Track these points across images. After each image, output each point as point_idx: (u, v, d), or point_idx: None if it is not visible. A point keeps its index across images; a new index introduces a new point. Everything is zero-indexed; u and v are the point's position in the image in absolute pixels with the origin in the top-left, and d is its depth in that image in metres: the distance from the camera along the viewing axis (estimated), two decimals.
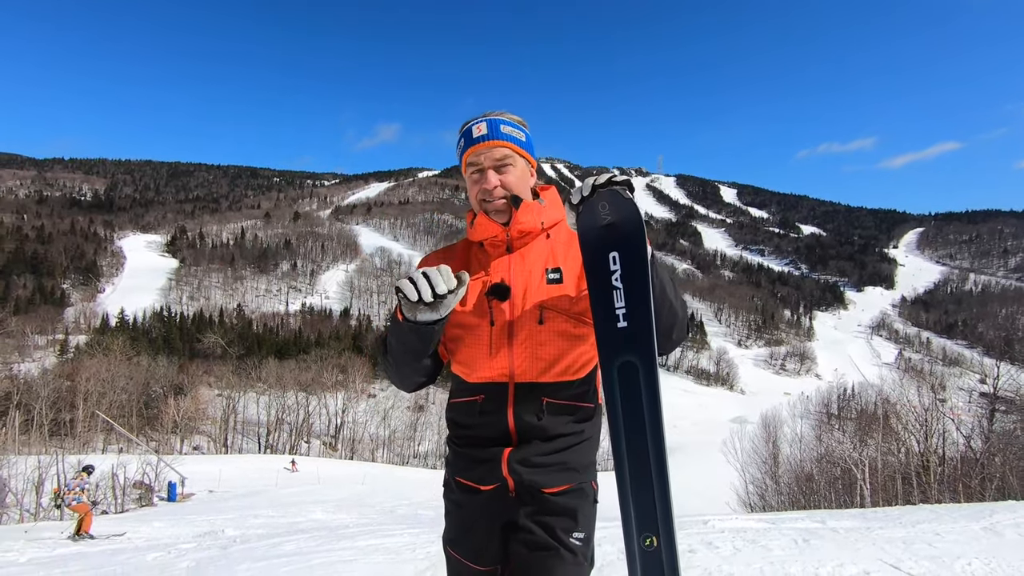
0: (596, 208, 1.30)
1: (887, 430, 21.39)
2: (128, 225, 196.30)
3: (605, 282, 1.31)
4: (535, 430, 1.45)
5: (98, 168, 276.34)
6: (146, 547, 7.68)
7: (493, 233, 1.52)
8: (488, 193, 1.49)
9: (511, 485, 1.45)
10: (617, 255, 1.30)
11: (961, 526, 5.64)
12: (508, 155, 1.49)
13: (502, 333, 1.45)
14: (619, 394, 1.29)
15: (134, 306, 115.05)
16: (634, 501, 1.28)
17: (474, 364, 1.48)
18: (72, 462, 25.70)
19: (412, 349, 1.40)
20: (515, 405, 1.45)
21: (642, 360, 1.28)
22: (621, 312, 1.29)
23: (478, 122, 1.50)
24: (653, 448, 1.27)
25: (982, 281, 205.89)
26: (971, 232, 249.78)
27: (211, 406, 56.64)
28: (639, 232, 1.28)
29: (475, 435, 1.50)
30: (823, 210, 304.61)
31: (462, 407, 1.53)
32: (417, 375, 1.50)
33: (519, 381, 1.45)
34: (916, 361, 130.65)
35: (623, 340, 1.29)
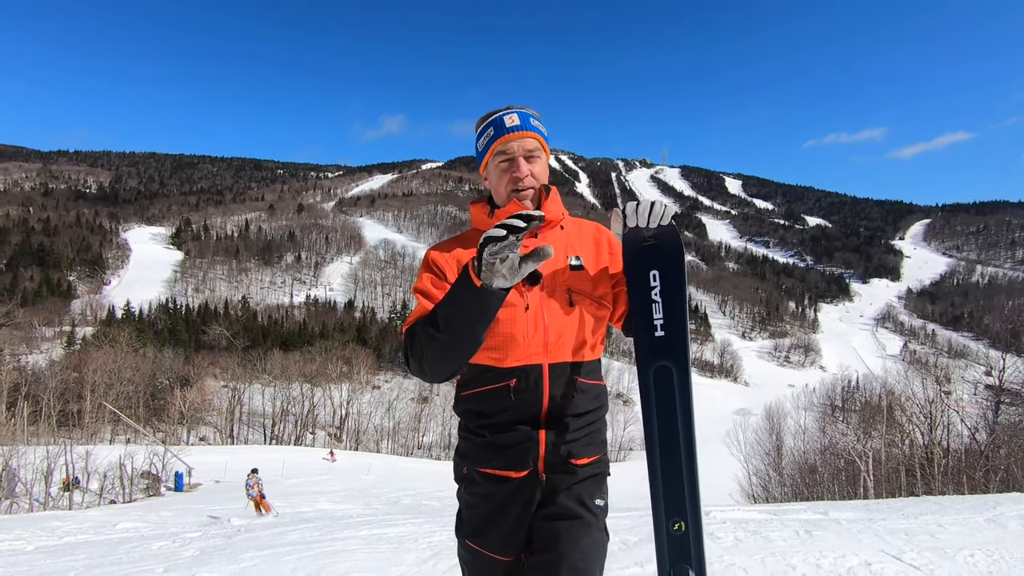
0: (642, 231, 1.48)
1: (891, 422, 21.38)
2: (133, 217, 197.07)
3: (645, 295, 1.49)
4: (569, 408, 1.52)
5: (103, 160, 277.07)
6: (152, 536, 7.75)
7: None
8: (519, 181, 1.54)
9: (541, 467, 1.50)
10: (657, 274, 1.47)
11: (964, 518, 5.61)
12: (537, 147, 1.56)
13: (537, 316, 1.49)
14: (654, 393, 1.45)
15: (140, 298, 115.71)
16: (664, 489, 1.41)
17: (509, 349, 1.49)
18: (80, 452, 26.04)
19: (481, 318, 1.36)
20: (550, 386, 1.50)
21: (676, 365, 1.44)
22: (659, 323, 1.47)
23: (509, 113, 1.56)
24: (684, 442, 1.40)
25: (989, 273, 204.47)
26: (979, 223, 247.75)
27: (217, 397, 57.05)
28: (678, 256, 1.47)
29: (504, 421, 1.51)
30: (829, 201, 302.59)
31: (488, 395, 1.53)
32: (468, 354, 1.44)
33: (553, 362, 1.50)
34: (921, 353, 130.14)
35: (660, 347, 1.46)
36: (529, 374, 1.49)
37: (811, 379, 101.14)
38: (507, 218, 1.26)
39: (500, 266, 1.28)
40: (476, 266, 1.33)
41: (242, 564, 5.17)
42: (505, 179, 1.56)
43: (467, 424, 1.60)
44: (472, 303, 1.35)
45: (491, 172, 1.60)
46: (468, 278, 1.34)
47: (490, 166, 1.60)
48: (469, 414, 1.58)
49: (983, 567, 4.03)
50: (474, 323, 1.37)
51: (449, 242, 1.65)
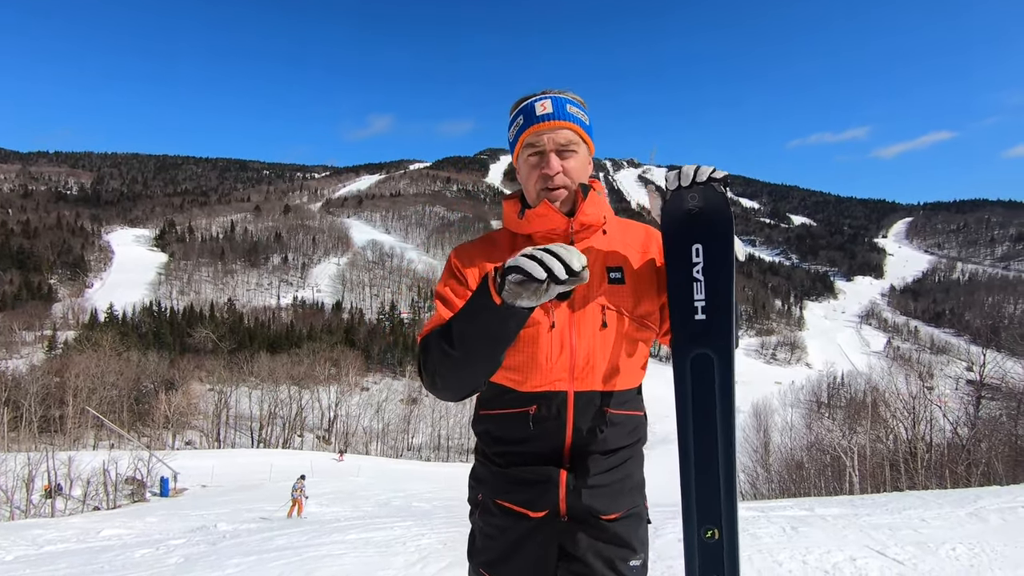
0: (685, 199, 1.27)
1: (876, 418, 21.67)
2: (116, 219, 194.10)
3: (686, 273, 1.29)
4: (595, 444, 1.33)
5: (84, 161, 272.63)
6: (135, 543, 7.63)
7: (553, 225, 1.36)
8: (549, 179, 1.35)
9: (563, 510, 1.32)
10: (701, 248, 1.28)
11: (947, 512, 5.70)
12: (573, 140, 1.36)
13: (563, 336, 1.31)
14: (691, 386, 1.28)
15: (123, 301, 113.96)
16: (697, 493, 1.26)
17: (529, 371, 1.32)
18: (62, 458, 25.59)
19: (499, 338, 1.20)
20: (575, 417, 1.32)
21: (718, 353, 1.27)
22: (700, 304, 1.28)
23: (541, 99, 1.36)
24: (722, 442, 1.25)
25: (969, 270, 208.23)
26: (959, 221, 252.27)
27: (203, 401, 56.42)
28: (727, 226, 1.26)
29: (523, 452, 1.34)
30: (813, 200, 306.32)
31: (506, 419, 1.36)
32: (486, 374, 1.28)
33: (580, 390, 1.32)
34: (904, 350, 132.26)
35: (700, 332, 1.28)
36: (551, 402, 1.31)
37: (797, 376, 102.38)
38: (549, 256, 1.07)
39: (525, 292, 1.11)
40: (498, 283, 1.14)
41: (227, 571, 5.10)
42: (534, 176, 1.37)
43: (484, 448, 1.43)
44: (490, 321, 1.18)
45: (521, 166, 1.41)
46: (487, 293, 1.16)
47: (520, 159, 1.41)
48: (486, 437, 1.42)
49: (965, 561, 4.09)
50: (491, 343, 1.21)
51: (475, 243, 1.48)
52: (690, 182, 1.24)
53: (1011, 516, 5.36)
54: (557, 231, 1.37)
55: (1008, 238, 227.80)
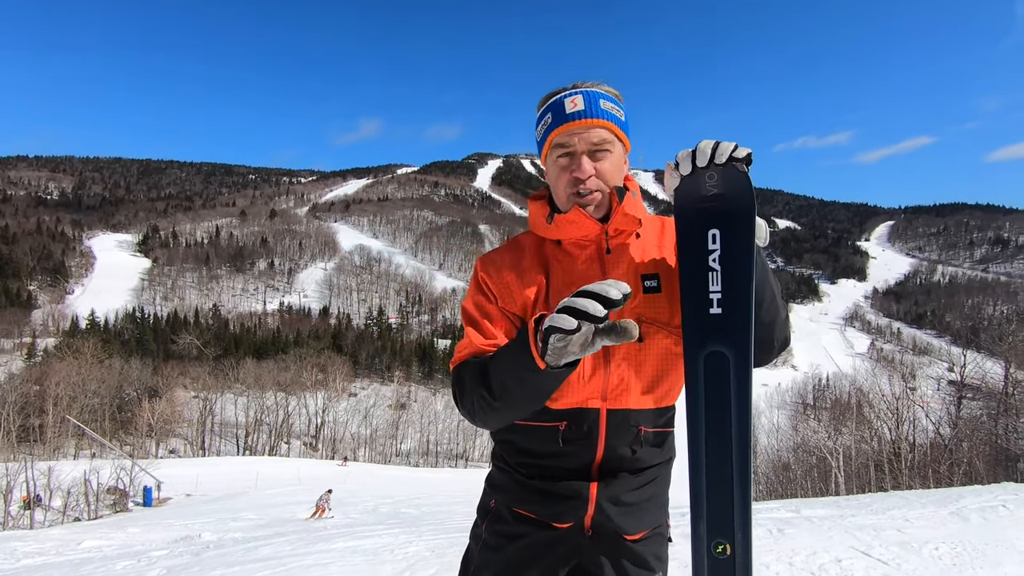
0: (702, 180, 1.13)
1: (860, 419, 21.95)
2: (97, 224, 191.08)
3: (700, 262, 1.15)
4: (627, 463, 1.27)
5: (65, 166, 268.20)
6: (116, 555, 7.48)
7: (585, 232, 1.26)
8: (580, 184, 1.23)
9: (588, 526, 1.26)
10: (718, 233, 1.14)
11: (930, 511, 5.78)
12: (607, 139, 1.24)
13: (596, 354, 1.22)
14: (703, 387, 1.15)
15: (105, 307, 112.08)
16: (708, 504, 1.14)
17: (562, 388, 1.23)
18: (42, 468, 25.05)
19: (544, 395, 1.12)
20: (608, 435, 1.25)
21: (734, 351, 1.13)
22: (716, 297, 1.14)
23: (572, 94, 1.24)
24: (737, 449, 1.13)
25: (949, 272, 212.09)
26: (939, 225, 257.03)
27: (187, 408, 55.58)
28: (748, 211, 1.11)
29: (550, 466, 1.27)
30: (798, 204, 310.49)
31: (535, 432, 1.28)
32: (528, 414, 1.22)
33: (613, 407, 1.24)
34: (888, 351, 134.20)
35: (714, 327, 1.14)
36: (583, 419, 1.25)
37: (784, 378, 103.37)
38: (582, 298, 0.97)
39: (570, 346, 1.01)
40: (540, 347, 1.04)
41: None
42: (564, 179, 1.26)
43: (506, 456, 1.35)
44: (533, 383, 1.09)
45: (549, 168, 1.30)
46: (528, 353, 1.05)
47: (548, 160, 1.29)
48: (509, 447, 1.34)
49: (947, 560, 4.15)
50: (535, 399, 1.14)
51: (501, 251, 1.37)
52: (707, 162, 1.10)
53: (991, 515, 5.45)
54: (589, 238, 1.27)
55: (986, 241, 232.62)
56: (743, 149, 1.08)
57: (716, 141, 1.10)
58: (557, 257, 1.30)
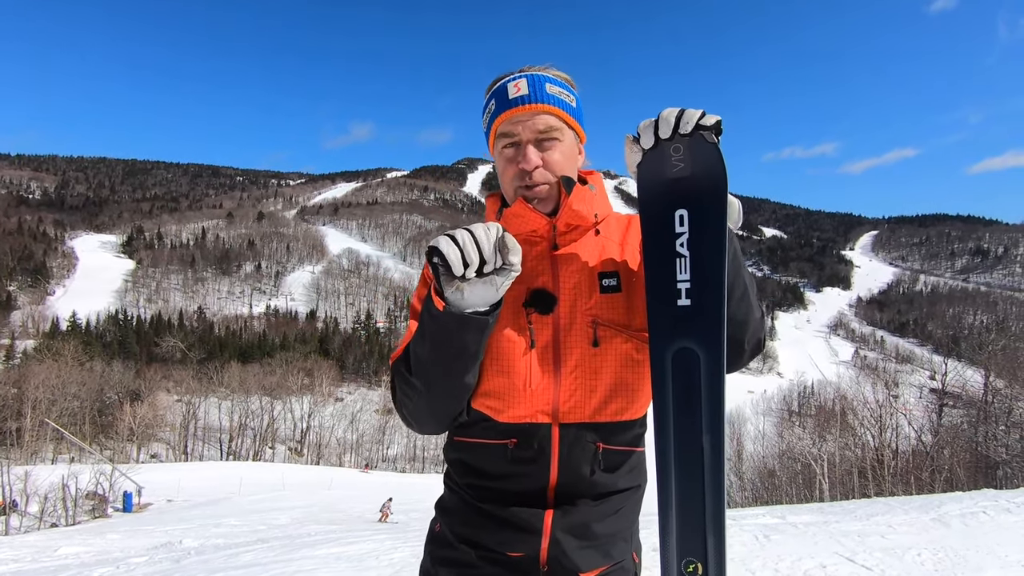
0: (666, 153, 0.99)
1: (844, 426, 22.18)
2: (80, 225, 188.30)
3: (666, 247, 1.01)
4: (586, 487, 1.11)
5: (48, 165, 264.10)
6: (94, 562, 7.32)
7: (533, 227, 1.14)
8: (526, 175, 1.12)
9: (544, 560, 1.09)
10: (685, 214, 1.00)
11: (912, 518, 5.85)
12: (554, 126, 1.12)
13: (545, 358, 1.09)
14: (671, 387, 1.02)
15: (87, 309, 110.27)
16: (679, 519, 1.02)
17: (506, 398, 1.10)
18: (18, 473, 24.52)
19: (457, 353, 1.02)
20: (561, 454, 1.10)
21: (705, 348, 0.99)
22: (684, 287, 1.00)
23: (516, 78, 1.13)
24: (710, 457, 0.99)
25: (931, 282, 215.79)
26: (921, 235, 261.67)
27: (170, 412, 54.80)
28: (719, 188, 0.97)
29: (501, 489, 1.12)
30: (784, 213, 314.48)
31: (483, 450, 1.14)
32: (455, 401, 1.10)
33: (566, 422, 1.09)
34: (871, 359, 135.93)
35: (683, 321, 1.00)
36: (532, 436, 1.10)
37: (769, 385, 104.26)
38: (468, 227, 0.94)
39: (473, 281, 0.96)
40: (437, 284, 0.98)
41: None
42: (510, 172, 1.14)
43: (455, 476, 1.22)
44: (439, 335, 1.00)
45: (497, 160, 1.18)
46: (430, 300, 1.00)
47: (495, 151, 1.18)
48: (459, 466, 1.20)
49: (930, 566, 4.20)
50: (447, 362, 1.02)
51: None
52: (671, 132, 0.97)
53: (972, 521, 5.53)
54: (538, 233, 1.15)
55: (967, 251, 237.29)
56: (711, 116, 0.95)
57: (681, 108, 0.97)
58: None
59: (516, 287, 1.11)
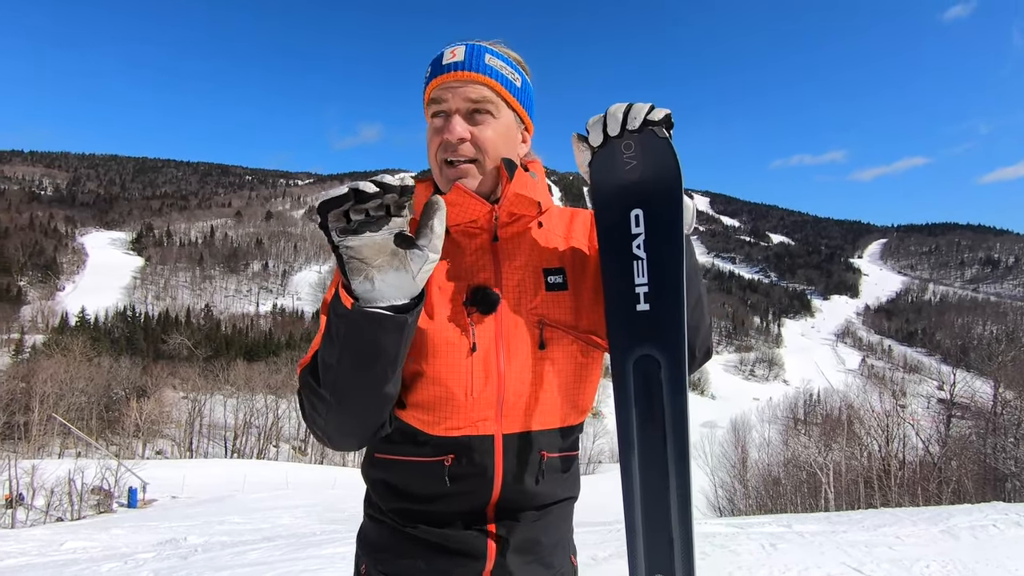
0: (617, 152, 0.95)
1: (850, 435, 22.02)
2: (91, 221, 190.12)
3: (623, 249, 0.97)
4: (527, 499, 1.02)
5: (60, 162, 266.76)
6: (102, 557, 7.38)
7: (472, 216, 1.01)
8: (450, 148, 0.99)
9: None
10: (641, 214, 0.95)
11: (920, 529, 5.80)
12: (488, 98, 1.00)
13: (488, 362, 0.97)
14: (633, 397, 0.97)
15: (96, 305, 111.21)
16: (646, 531, 0.96)
17: (444, 410, 0.98)
18: (25, 467, 24.73)
19: (371, 359, 0.86)
20: (505, 467, 1.00)
21: (666, 354, 0.94)
22: (642, 291, 0.95)
23: (454, 45, 1.02)
24: (675, 469, 0.93)
25: (940, 291, 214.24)
26: (931, 244, 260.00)
27: (176, 409, 55.10)
28: (674, 185, 0.93)
29: (435, 512, 1.01)
30: (792, 220, 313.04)
31: (414, 469, 1.01)
32: (375, 413, 0.94)
33: (510, 432, 1.00)
34: (878, 368, 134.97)
35: (643, 327, 0.95)
36: (473, 450, 0.99)
37: (775, 393, 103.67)
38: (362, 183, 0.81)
39: (366, 254, 0.81)
40: (343, 275, 0.84)
41: None
42: (435, 142, 1.01)
43: (378, 502, 1.06)
44: (350, 337, 0.85)
45: (427, 132, 1.05)
46: (337, 297, 0.86)
47: (428, 122, 1.06)
48: (383, 489, 1.05)
49: None
50: (360, 371, 0.87)
51: None
52: (620, 129, 0.93)
53: (982, 534, 5.48)
54: (477, 224, 1.03)
55: (977, 261, 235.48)
56: (660, 110, 0.92)
57: (628, 103, 0.93)
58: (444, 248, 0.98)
59: (455, 283, 1.01)
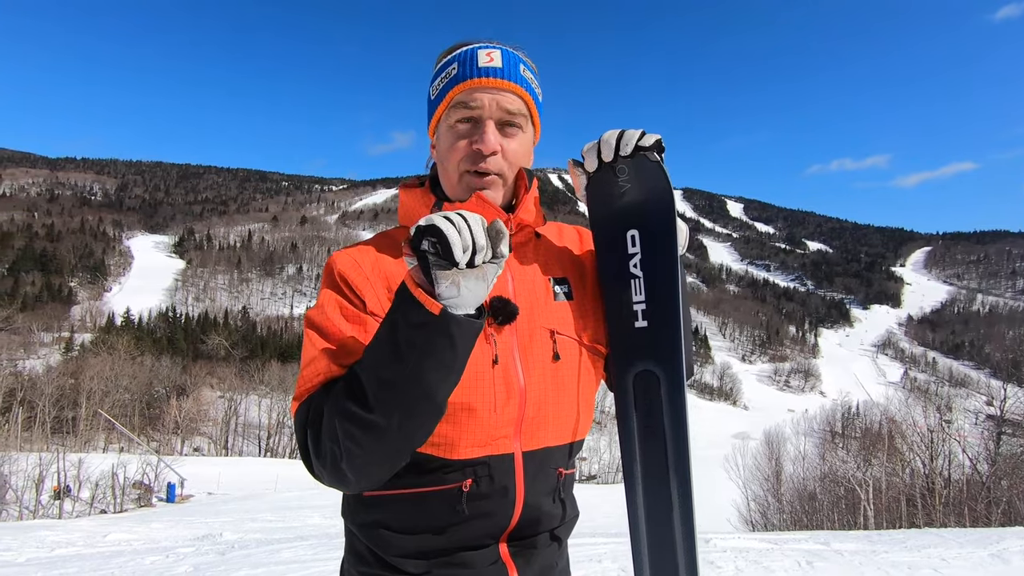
0: (612, 176, 1.00)
1: (892, 450, 21.22)
2: (137, 225, 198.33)
3: (621, 268, 1.01)
4: (545, 522, 0.96)
5: (109, 168, 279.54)
6: (144, 550, 7.67)
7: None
8: (480, 159, 0.93)
9: None
10: (637, 235, 0.99)
11: (968, 552, 5.55)
12: (522, 111, 0.96)
13: (509, 375, 0.91)
14: (634, 413, 0.99)
15: (140, 306, 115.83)
16: (651, 557, 0.96)
17: (463, 428, 0.89)
18: (73, 460, 25.85)
19: (448, 369, 0.78)
20: (526, 487, 0.93)
21: (665, 369, 0.97)
22: (640, 308, 0.99)
23: (488, 47, 0.95)
24: (677, 487, 0.94)
25: (990, 302, 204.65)
26: (979, 252, 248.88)
27: (213, 408, 56.76)
28: (666, 207, 0.97)
29: (443, 548, 0.91)
30: (829, 226, 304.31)
31: (419, 504, 0.91)
32: (429, 429, 0.83)
33: (530, 448, 0.93)
34: (922, 381, 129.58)
35: (641, 343, 0.98)
36: (494, 470, 0.91)
37: (811, 404, 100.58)
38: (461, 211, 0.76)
39: (468, 272, 0.75)
40: (423, 278, 0.76)
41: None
42: (460, 151, 0.94)
43: (374, 548, 0.93)
44: (428, 346, 0.76)
45: (442, 135, 0.98)
46: (415, 303, 0.75)
47: (442, 124, 0.98)
48: (376, 535, 0.93)
49: None
50: (439, 381, 0.78)
51: (366, 246, 0.99)
52: (613, 154, 0.96)
53: None
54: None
55: None
56: (651, 136, 0.94)
57: (621, 130, 0.95)
58: None
59: None
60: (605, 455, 53.71)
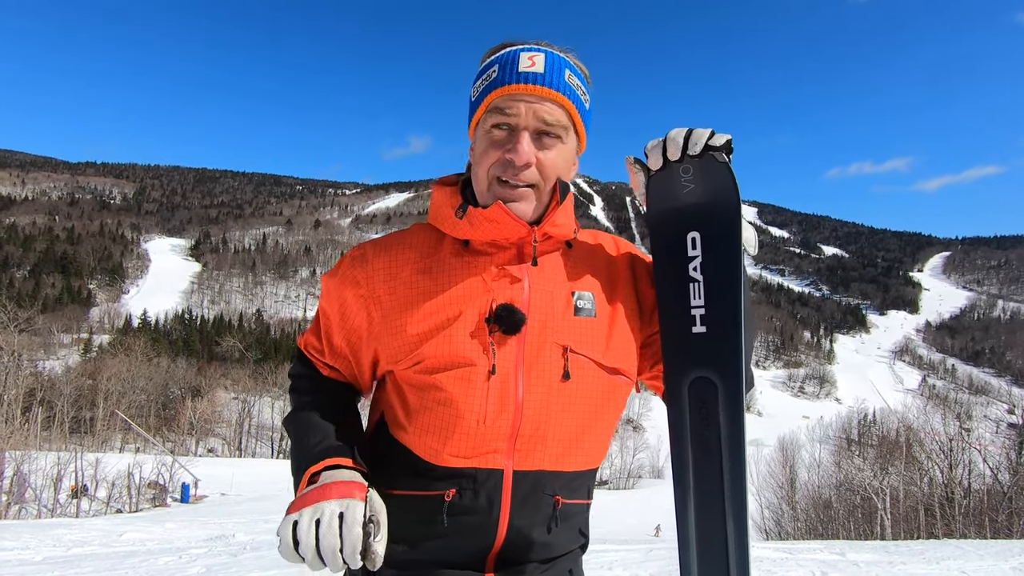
0: (676, 175, 0.94)
1: (909, 459, 20.85)
2: (154, 228, 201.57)
3: (680, 271, 0.96)
4: (535, 550, 0.91)
5: (128, 172, 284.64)
6: (158, 550, 7.75)
7: (506, 235, 0.93)
8: (512, 170, 0.90)
9: None
10: (698, 237, 0.95)
11: (989, 564, 5.43)
12: (562, 122, 0.91)
13: (505, 388, 0.88)
14: (689, 422, 0.94)
15: (156, 308, 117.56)
16: (700, 567, 0.93)
17: (451, 434, 0.88)
18: (90, 459, 26.24)
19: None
20: (513, 508, 0.88)
21: (723, 378, 0.92)
22: (699, 313, 0.94)
23: (532, 50, 0.91)
24: (731, 500, 0.89)
25: (1011, 308, 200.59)
26: (1000, 257, 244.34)
27: (227, 409, 57.36)
28: (732, 210, 0.92)
29: (427, 560, 0.90)
30: (845, 231, 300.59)
31: (404, 505, 0.90)
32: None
33: (523, 468, 0.89)
34: (940, 388, 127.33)
35: (699, 349, 0.94)
36: (480, 484, 0.88)
37: (826, 411, 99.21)
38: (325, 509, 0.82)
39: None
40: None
41: None
42: (492, 158, 0.91)
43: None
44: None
45: (478, 139, 0.95)
46: (304, 460, 0.94)
47: (479, 129, 0.95)
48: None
49: None
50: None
51: (385, 245, 1.00)
52: (680, 153, 0.91)
53: None
54: (509, 241, 0.94)
55: None
56: (721, 136, 0.89)
57: (689, 128, 0.91)
58: (461, 262, 0.95)
59: (480, 298, 0.91)
60: (616, 460, 53.37)
